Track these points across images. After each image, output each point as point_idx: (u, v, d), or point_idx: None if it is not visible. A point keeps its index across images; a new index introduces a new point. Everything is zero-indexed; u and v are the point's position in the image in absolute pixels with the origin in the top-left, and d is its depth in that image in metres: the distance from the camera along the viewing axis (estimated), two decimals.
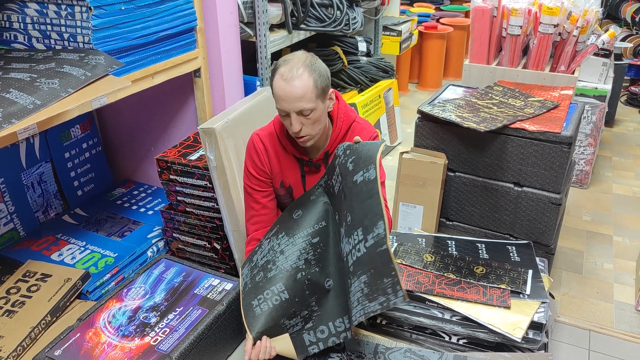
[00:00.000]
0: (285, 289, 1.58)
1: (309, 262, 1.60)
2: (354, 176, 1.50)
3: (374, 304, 1.40)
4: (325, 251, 1.62)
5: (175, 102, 2.51)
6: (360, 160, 1.50)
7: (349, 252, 1.49)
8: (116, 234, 2.36)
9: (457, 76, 5.24)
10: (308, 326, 1.61)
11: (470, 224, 2.39)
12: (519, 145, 2.16)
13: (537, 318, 1.74)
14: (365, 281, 1.41)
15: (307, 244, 1.61)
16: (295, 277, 1.59)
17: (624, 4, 5.30)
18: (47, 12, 1.80)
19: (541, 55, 2.77)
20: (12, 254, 2.19)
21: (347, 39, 3.54)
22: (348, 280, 1.50)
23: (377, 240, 1.39)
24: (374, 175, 1.44)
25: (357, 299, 1.44)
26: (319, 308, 1.61)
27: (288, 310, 1.58)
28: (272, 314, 1.57)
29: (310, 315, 1.61)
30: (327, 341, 1.59)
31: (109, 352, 1.58)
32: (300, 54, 1.60)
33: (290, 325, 1.60)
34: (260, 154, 1.76)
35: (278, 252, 1.64)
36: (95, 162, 2.70)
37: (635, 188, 3.24)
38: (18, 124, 1.46)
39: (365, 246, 1.42)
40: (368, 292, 1.41)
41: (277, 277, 1.60)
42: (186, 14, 2.11)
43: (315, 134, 1.63)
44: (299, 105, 1.54)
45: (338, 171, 1.58)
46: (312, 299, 1.60)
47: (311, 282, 1.59)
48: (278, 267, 1.61)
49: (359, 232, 1.44)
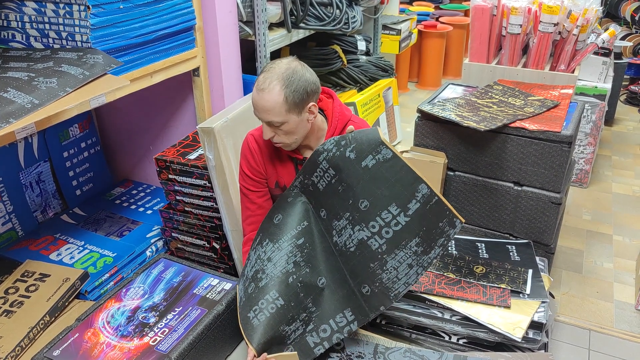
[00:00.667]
0: (280, 295, 1.57)
1: (298, 265, 1.60)
2: (362, 162, 1.50)
3: (433, 252, 1.49)
4: (312, 250, 1.61)
5: (174, 101, 2.51)
6: (363, 146, 1.50)
7: (371, 236, 1.51)
8: (115, 233, 2.36)
9: (457, 75, 5.23)
10: (309, 328, 1.60)
11: (470, 223, 2.39)
12: (519, 145, 2.15)
13: (537, 318, 1.73)
14: (418, 242, 1.48)
15: (293, 247, 1.61)
16: (287, 282, 1.58)
17: (624, 3, 5.29)
18: (45, 10, 1.80)
19: (541, 54, 2.76)
20: (10, 253, 2.18)
21: (347, 38, 3.54)
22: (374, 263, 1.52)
23: (425, 199, 1.45)
24: (390, 153, 1.47)
25: (407, 266, 1.49)
26: (317, 308, 1.60)
27: (286, 316, 1.57)
28: (270, 323, 1.57)
29: (310, 317, 1.60)
30: (331, 339, 1.59)
31: (107, 352, 1.57)
32: (284, 64, 1.56)
33: (291, 331, 1.59)
34: (255, 154, 1.75)
35: (265, 260, 1.63)
36: (94, 162, 2.69)
37: (635, 187, 3.24)
38: (16, 124, 1.45)
39: (407, 215, 1.47)
40: (424, 249, 1.48)
41: (269, 285, 1.59)
42: (185, 13, 2.10)
43: (290, 142, 1.63)
44: (266, 117, 1.56)
45: (327, 166, 1.56)
46: (308, 300, 1.60)
47: (304, 283, 1.59)
48: (268, 275, 1.60)
49: (391, 209, 1.47)
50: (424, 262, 1.50)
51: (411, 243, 1.48)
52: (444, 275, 1.94)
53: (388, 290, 1.53)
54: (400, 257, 1.50)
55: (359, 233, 1.52)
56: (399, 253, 1.50)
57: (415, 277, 1.52)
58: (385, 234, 1.50)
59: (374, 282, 1.53)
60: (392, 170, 1.48)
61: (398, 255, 1.50)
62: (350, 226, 1.54)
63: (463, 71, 2.95)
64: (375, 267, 1.52)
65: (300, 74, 1.55)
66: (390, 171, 1.48)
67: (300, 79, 1.54)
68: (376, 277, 1.53)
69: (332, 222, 1.58)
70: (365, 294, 1.56)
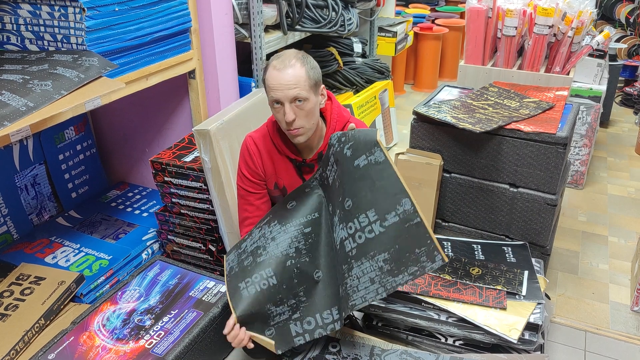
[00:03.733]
0: (274, 274, 1.57)
1: (300, 251, 1.60)
2: (355, 161, 1.50)
3: (401, 277, 1.42)
4: (316, 242, 1.61)
5: (169, 104, 2.50)
6: (359, 145, 1.50)
7: (347, 237, 1.49)
8: (110, 236, 2.35)
9: (453, 77, 5.25)
10: (295, 316, 1.59)
11: (466, 225, 2.39)
12: (514, 146, 2.16)
13: (533, 319, 1.74)
14: (386, 259, 1.43)
15: (299, 233, 1.61)
16: (284, 264, 1.58)
17: (618, 5, 5.32)
18: (40, 13, 1.79)
19: (536, 56, 2.77)
20: (5, 256, 2.17)
21: (343, 40, 3.54)
22: (345, 266, 1.50)
23: (406, 216, 1.41)
24: (383, 157, 1.46)
25: (369, 279, 1.45)
26: (307, 299, 1.60)
27: (275, 296, 1.57)
28: (258, 298, 1.56)
29: (298, 306, 1.59)
30: (313, 333, 1.57)
31: (103, 355, 1.57)
32: (292, 50, 1.63)
33: (277, 313, 1.58)
34: (254, 157, 1.76)
35: (269, 238, 1.63)
36: (89, 164, 2.69)
37: (630, 188, 3.25)
38: (11, 126, 1.44)
39: (383, 225, 1.43)
40: (390, 268, 1.42)
41: (266, 262, 1.59)
42: (180, 15, 2.10)
43: (308, 128, 1.63)
44: (293, 92, 1.55)
45: (333, 160, 1.57)
46: (300, 288, 1.59)
47: (300, 271, 1.59)
48: (268, 252, 1.60)
49: (369, 214, 1.45)
50: (388, 283, 1.43)
51: (379, 256, 1.44)
52: (440, 277, 1.94)
53: (348, 297, 1.49)
54: (366, 267, 1.46)
55: (341, 231, 1.52)
56: (365, 262, 1.46)
57: (373, 295, 1.45)
58: (358, 238, 1.47)
59: (342, 284, 1.52)
60: (379, 174, 1.46)
61: (364, 265, 1.46)
62: (339, 223, 1.54)
63: (459, 73, 2.96)
64: (344, 270, 1.51)
65: (310, 57, 1.64)
66: (377, 175, 1.46)
67: (311, 60, 1.63)
68: (344, 280, 1.51)
69: (333, 217, 1.59)
70: (341, 294, 1.55)
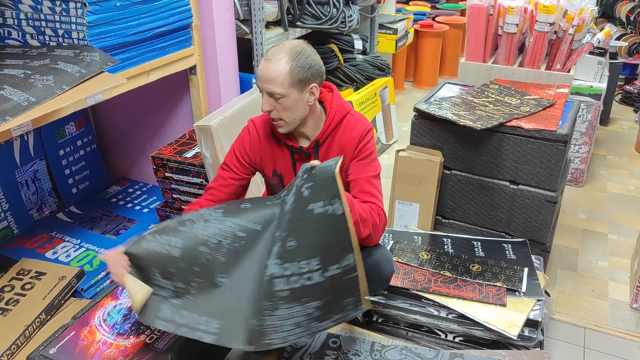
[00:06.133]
0: (181, 248, 1.49)
1: (220, 247, 1.51)
2: (309, 205, 1.44)
3: (326, 323, 1.42)
4: (241, 251, 1.53)
5: (170, 100, 2.50)
6: (317, 189, 1.45)
7: (280, 277, 1.43)
8: (111, 231, 2.35)
9: (453, 74, 5.24)
10: (174, 301, 1.49)
11: (466, 221, 2.39)
12: (515, 143, 2.16)
13: (533, 316, 1.74)
14: (318, 306, 1.40)
15: (232, 232, 1.53)
16: (197, 248, 1.50)
17: (619, 3, 5.32)
18: (41, 7, 1.79)
19: (537, 53, 2.77)
20: (6, 252, 2.17)
21: (343, 37, 3.54)
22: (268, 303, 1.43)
23: (346, 269, 1.41)
24: (341, 211, 1.41)
25: (295, 323, 1.40)
26: (195, 295, 1.49)
27: (167, 267, 1.48)
28: (153, 257, 1.48)
29: (182, 294, 1.49)
30: (178, 328, 1.45)
31: (104, 350, 1.57)
32: (296, 42, 1.61)
33: (160, 284, 1.49)
34: (253, 141, 1.74)
35: (203, 219, 1.56)
36: (90, 160, 2.69)
37: (630, 186, 3.26)
38: (12, 121, 1.45)
39: (324, 275, 1.41)
40: (319, 315, 1.41)
41: (183, 234, 1.51)
42: (182, 11, 2.10)
43: (288, 121, 1.62)
44: (268, 86, 1.56)
45: (294, 191, 1.52)
46: (195, 280, 1.50)
47: (207, 264, 1.50)
48: (193, 227, 1.53)
49: (311, 262, 1.41)
50: (313, 327, 1.41)
51: (312, 304, 1.41)
52: (440, 273, 1.94)
53: (265, 334, 1.41)
54: (295, 311, 1.41)
55: (275, 267, 1.45)
56: (296, 307, 1.41)
57: (296, 338, 1.41)
58: (293, 282, 1.42)
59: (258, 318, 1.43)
60: (333, 227, 1.42)
61: (294, 309, 1.41)
62: (275, 257, 1.47)
63: (459, 70, 2.96)
64: (265, 307, 1.43)
65: (308, 53, 1.59)
66: (330, 228, 1.42)
67: (307, 57, 1.58)
68: (261, 315, 1.43)
69: (272, 245, 1.50)
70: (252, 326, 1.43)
